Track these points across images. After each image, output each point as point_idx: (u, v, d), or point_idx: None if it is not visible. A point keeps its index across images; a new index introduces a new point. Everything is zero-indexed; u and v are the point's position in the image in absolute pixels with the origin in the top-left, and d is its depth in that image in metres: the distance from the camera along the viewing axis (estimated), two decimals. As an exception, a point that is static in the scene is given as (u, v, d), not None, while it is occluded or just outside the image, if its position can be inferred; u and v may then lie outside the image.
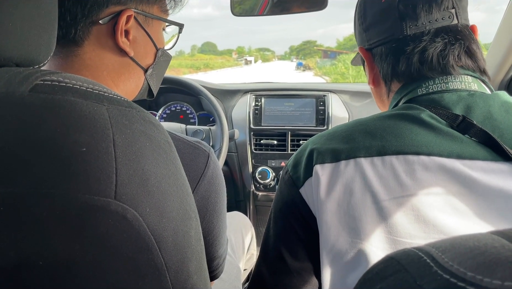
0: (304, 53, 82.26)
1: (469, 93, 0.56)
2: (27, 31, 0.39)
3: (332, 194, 0.53)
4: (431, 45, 0.59)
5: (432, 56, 0.59)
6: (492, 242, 0.23)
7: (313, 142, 0.60)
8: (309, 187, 0.57)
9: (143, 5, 0.62)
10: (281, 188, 0.63)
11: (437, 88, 0.58)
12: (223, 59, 76.66)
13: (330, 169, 0.55)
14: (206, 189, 0.63)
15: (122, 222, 0.33)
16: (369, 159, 0.53)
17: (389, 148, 0.52)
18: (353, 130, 0.57)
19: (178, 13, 0.71)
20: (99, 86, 0.38)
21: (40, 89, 0.34)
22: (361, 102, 1.64)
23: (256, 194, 1.59)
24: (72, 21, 0.56)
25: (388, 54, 0.64)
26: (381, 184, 0.51)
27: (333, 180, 0.54)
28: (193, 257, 0.42)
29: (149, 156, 0.37)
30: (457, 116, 0.53)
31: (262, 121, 1.61)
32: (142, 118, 0.39)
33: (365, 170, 0.52)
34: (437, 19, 0.60)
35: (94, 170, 0.32)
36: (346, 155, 0.54)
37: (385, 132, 0.54)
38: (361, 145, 0.54)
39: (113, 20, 0.58)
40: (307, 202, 0.57)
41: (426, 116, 0.54)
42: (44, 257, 0.31)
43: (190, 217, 0.42)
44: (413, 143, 0.52)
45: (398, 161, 0.51)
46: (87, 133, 0.33)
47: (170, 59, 0.73)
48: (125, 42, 0.60)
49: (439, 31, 0.60)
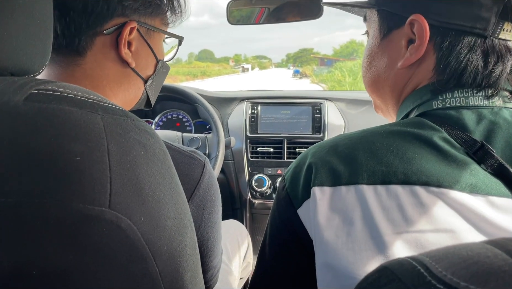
0: (301, 60, 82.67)
1: (492, 110, 0.50)
2: (22, 41, 0.39)
3: (330, 222, 0.48)
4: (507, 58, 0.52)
5: (501, 73, 0.52)
6: (485, 252, 0.23)
7: (313, 155, 0.54)
8: (307, 209, 0.52)
9: (146, 18, 0.63)
10: (277, 203, 0.58)
11: (455, 102, 0.51)
12: (220, 67, 76.94)
13: (330, 193, 0.49)
14: (201, 199, 0.64)
15: (116, 231, 0.33)
16: (372, 187, 0.47)
17: (394, 175, 0.46)
18: (356, 148, 0.51)
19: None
20: (94, 95, 0.38)
21: (35, 98, 0.34)
22: (357, 110, 1.65)
23: (252, 202, 1.59)
24: (77, 31, 0.57)
25: (470, 48, 0.52)
26: (384, 216, 0.45)
27: (332, 207, 0.49)
28: (188, 266, 0.42)
29: (144, 165, 0.37)
30: (475, 142, 0.47)
31: (259, 129, 1.61)
32: (137, 127, 0.39)
33: (367, 199, 0.47)
34: None
35: (88, 179, 0.32)
36: (347, 180, 0.48)
37: (392, 154, 0.48)
38: (364, 169, 0.48)
39: (117, 32, 0.59)
40: (304, 224, 0.52)
41: (439, 139, 0.48)
42: (38, 266, 0.31)
43: (185, 226, 0.42)
44: (422, 172, 0.46)
45: (404, 192, 0.46)
46: (82, 142, 0.33)
47: (168, 70, 0.74)
48: (128, 53, 0.61)
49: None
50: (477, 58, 0.52)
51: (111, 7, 0.57)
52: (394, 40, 0.58)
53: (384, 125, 0.54)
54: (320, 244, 0.49)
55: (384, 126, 0.53)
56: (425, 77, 0.56)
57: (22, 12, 0.38)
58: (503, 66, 0.52)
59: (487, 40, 0.51)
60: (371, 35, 0.64)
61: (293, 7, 1.29)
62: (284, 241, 0.57)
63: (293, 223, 0.54)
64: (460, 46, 0.52)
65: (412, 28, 0.55)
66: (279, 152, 1.58)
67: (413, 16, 0.54)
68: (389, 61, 0.60)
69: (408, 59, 0.56)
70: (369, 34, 0.65)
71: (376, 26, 0.61)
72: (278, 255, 0.59)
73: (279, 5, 1.29)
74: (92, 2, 0.56)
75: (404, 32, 0.56)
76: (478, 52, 0.52)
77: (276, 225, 0.58)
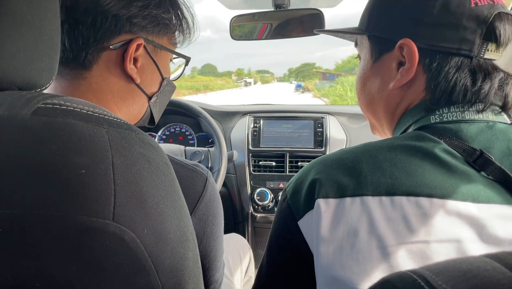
0: (303, 75, 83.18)
1: (488, 124, 0.52)
2: (29, 56, 0.40)
3: (335, 234, 0.49)
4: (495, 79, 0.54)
5: (482, 86, 0.53)
6: (484, 265, 0.23)
7: (316, 170, 0.54)
8: (308, 221, 0.52)
9: (153, 36, 0.64)
10: (278, 216, 0.59)
11: (452, 117, 0.54)
12: (222, 81, 77.48)
13: (334, 205, 0.50)
14: (204, 212, 0.64)
15: (119, 244, 0.34)
16: (377, 198, 0.48)
17: (399, 187, 0.47)
18: (360, 160, 0.52)
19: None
20: (100, 109, 0.39)
21: (42, 112, 0.34)
22: (359, 124, 1.66)
23: (254, 216, 1.59)
24: (84, 45, 0.58)
25: (454, 67, 0.54)
26: (389, 227, 0.46)
27: (337, 219, 0.49)
28: (190, 280, 0.42)
29: (148, 178, 0.37)
30: (474, 150, 0.49)
31: (261, 142, 1.62)
32: (141, 140, 0.39)
33: (372, 211, 0.47)
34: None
35: (92, 192, 0.33)
36: (352, 192, 0.49)
37: (395, 167, 0.49)
38: (369, 181, 0.49)
39: (123, 47, 0.60)
40: (305, 236, 0.53)
41: (440, 151, 0.50)
42: (41, 279, 0.31)
43: (188, 239, 0.42)
44: (426, 184, 0.47)
45: (409, 203, 0.46)
46: (87, 155, 0.34)
47: (174, 89, 0.74)
48: (133, 69, 0.62)
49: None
50: (465, 76, 0.54)
51: (120, 23, 0.58)
52: (385, 63, 0.61)
53: (385, 140, 0.55)
54: (322, 257, 0.49)
55: (385, 140, 0.55)
56: (417, 97, 0.58)
57: (30, 28, 0.39)
58: (491, 82, 0.53)
59: (474, 60, 0.54)
60: (363, 59, 0.66)
61: (295, 23, 1.31)
62: (283, 251, 0.57)
63: (293, 235, 0.54)
64: (448, 66, 0.54)
65: (401, 51, 0.57)
66: (281, 166, 1.58)
67: (402, 40, 0.56)
68: (382, 83, 0.62)
69: (399, 81, 0.58)
70: (361, 58, 0.67)
71: (367, 50, 0.64)
72: (276, 266, 0.59)
73: (281, 21, 1.32)
74: (101, 18, 0.57)
75: (394, 55, 0.59)
76: (465, 71, 0.54)
77: (276, 237, 0.59)
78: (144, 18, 0.61)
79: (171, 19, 0.66)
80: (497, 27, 0.53)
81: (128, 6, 0.58)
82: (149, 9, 0.61)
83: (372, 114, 0.68)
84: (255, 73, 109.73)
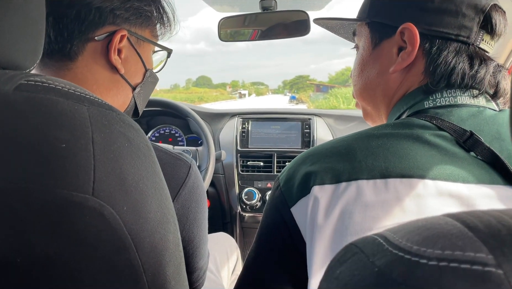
0: (297, 87, 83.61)
1: (478, 109, 0.54)
2: (14, 38, 0.40)
3: (330, 218, 0.49)
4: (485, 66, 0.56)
5: (477, 70, 0.56)
6: (438, 220, 0.25)
7: (311, 161, 0.54)
8: (302, 207, 0.52)
9: (136, 28, 0.66)
10: (270, 204, 0.58)
11: (445, 102, 0.55)
12: (217, 93, 77.60)
13: (331, 191, 0.50)
14: (186, 198, 0.65)
15: (99, 219, 0.34)
16: (372, 182, 0.49)
17: (393, 170, 0.48)
18: (353, 147, 0.53)
19: (169, 43, 0.76)
20: (81, 89, 0.39)
21: (24, 88, 0.35)
22: (345, 125, 1.69)
23: (242, 216, 1.60)
24: (69, 36, 0.59)
25: (456, 53, 0.57)
26: (383, 208, 0.47)
27: (333, 203, 0.49)
28: (170, 262, 0.42)
29: (127, 156, 0.38)
30: (465, 131, 0.50)
31: (249, 143, 1.64)
32: (121, 120, 0.40)
33: (367, 193, 0.48)
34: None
35: (72, 166, 0.33)
36: (347, 176, 0.50)
37: (388, 152, 0.50)
38: (363, 165, 0.50)
39: (108, 38, 0.62)
40: (298, 223, 0.53)
41: (430, 135, 0.51)
42: (22, 254, 0.31)
43: (168, 221, 0.43)
44: (418, 166, 0.48)
45: (402, 185, 0.47)
46: (67, 130, 0.34)
47: (157, 81, 0.76)
48: (117, 60, 0.64)
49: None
50: (463, 60, 0.56)
51: (103, 15, 0.60)
52: (385, 48, 0.62)
53: (376, 127, 0.56)
54: (316, 244, 0.49)
55: (375, 128, 0.56)
56: (416, 80, 0.60)
57: (16, 11, 0.40)
58: (486, 68, 0.56)
59: (470, 47, 0.56)
60: (361, 46, 0.67)
61: (282, 25, 1.34)
62: (274, 239, 0.57)
63: (286, 222, 0.54)
64: (447, 51, 0.56)
65: (402, 36, 0.59)
66: (269, 166, 1.60)
67: (404, 25, 0.58)
68: (381, 68, 0.63)
69: (399, 64, 0.59)
70: (359, 46, 0.68)
71: (367, 37, 0.65)
72: (266, 253, 0.59)
73: (268, 23, 1.35)
74: (85, 10, 0.59)
75: (395, 40, 0.60)
76: (464, 56, 0.56)
77: (267, 223, 0.59)
78: (126, 10, 0.63)
79: (153, 12, 0.68)
80: (493, 17, 0.56)
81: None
82: (131, 2, 0.63)
83: (369, 100, 0.69)
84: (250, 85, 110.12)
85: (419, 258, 0.22)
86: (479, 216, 0.24)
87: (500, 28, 0.57)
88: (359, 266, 0.26)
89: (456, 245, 0.22)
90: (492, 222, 0.23)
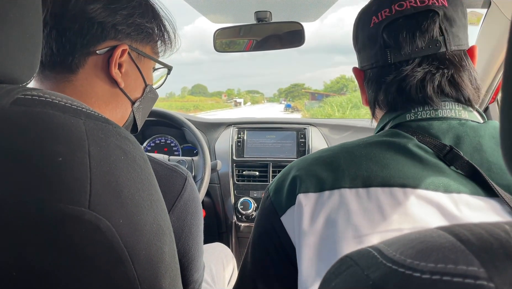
0: (292, 95, 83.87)
1: (460, 122, 0.55)
2: (11, 52, 0.40)
3: (314, 226, 0.50)
4: (412, 75, 0.57)
5: (410, 86, 0.57)
6: (431, 233, 0.25)
7: (297, 167, 0.57)
8: (291, 216, 0.54)
9: (137, 44, 0.67)
10: (261, 214, 0.60)
11: (426, 115, 0.56)
12: (213, 101, 77.63)
13: (314, 199, 0.52)
14: (182, 211, 0.65)
15: (95, 232, 0.34)
16: (354, 190, 0.50)
17: (374, 179, 0.50)
18: (338, 157, 0.55)
19: (169, 57, 0.77)
20: (78, 103, 0.40)
21: (21, 102, 0.35)
22: (340, 135, 1.70)
23: (238, 225, 1.60)
24: (71, 49, 0.60)
25: (373, 81, 0.62)
26: (364, 217, 0.48)
27: (317, 211, 0.51)
28: (166, 274, 0.42)
29: (124, 169, 0.38)
30: (444, 146, 0.52)
31: (245, 153, 1.65)
32: (118, 133, 0.40)
33: (349, 202, 0.50)
34: (423, 48, 0.57)
35: (69, 179, 0.33)
36: (330, 185, 0.52)
37: (371, 161, 0.52)
38: (346, 174, 0.52)
39: (109, 53, 0.63)
40: (287, 231, 0.54)
41: (413, 146, 0.52)
42: (17, 267, 0.31)
43: (164, 233, 0.43)
44: (400, 175, 0.50)
45: (383, 194, 0.49)
46: (64, 144, 0.34)
47: (156, 97, 0.77)
48: (117, 73, 0.64)
49: (423, 60, 0.58)
50: (392, 82, 0.61)
51: (105, 30, 0.61)
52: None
53: (361, 138, 0.58)
54: (303, 250, 0.50)
55: (361, 139, 0.58)
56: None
57: (13, 24, 0.40)
58: (411, 80, 0.59)
59: (390, 67, 0.60)
60: None
61: (277, 36, 1.35)
62: (266, 248, 0.58)
63: (276, 231, 0.56)
64: (374, 78, 0.63)
65: (355, 74, 0.70)
66: (264, 175, 1.60)
67: (352, 68, 0.71)
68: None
69: (363, 100, 0.69)
70: None
71: None
72: (260, 261, 0.59)
73: (263, 34, 1.36)
74: (87, 24, 0.60)
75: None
76: (391, 77, 0.60)
77: (259, 233, 0.60)
78: (128, 26, 0.64)
79: (154, 29, 0.69)
80: (389, 35, 0.60)
81: (114, 14, 0.61)
82: (133, 18, 0.64)
83: None
84: (245, 93, 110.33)
85: (412, 271, 0.23)
86: (471, 229, 0.24)
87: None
88: (354, 279, 0.26)
89: (448, 258, 0.22)
90: (484, 235, 0.23)
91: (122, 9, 0.62)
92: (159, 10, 0.71)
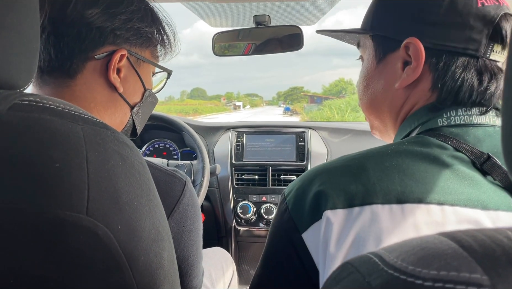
0: (291, 98, 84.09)
1: (495, 129, 0.51)
2: (8, 57, 0.40)
3: (342, 246, 0.46)
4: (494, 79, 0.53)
5: (495, 90, 0.53)
6: (433, 240, 0.25)
7: (321, 180, 0.51)
8: (314, 234, 0.49)
9: (136, 48, 0.67)
10: (278, 228, 0.54)
11: (459, 120, 0.52)
12: (212, 104, 77.83)
13: (343, 216, 0.47)
14: (181, 216, 0.64)
15: (93, 238, 0.34)
16: (387, 206, 0.46)
17: (409, 194, 0.46)
18: (366, 167, 0.50)
19: (168, 61, 0.76)
20: (76, 108, 0.39)
21: (18, 108, 0.35)
22: (340, 138, 1.70)
23: (238, 230, 1.59)
24: (69, 54, 0.59)
25: (464, 68, 0.54)
26: (398, 236, 0.44)
27: (346, 230, 0.46)
28: (165, 280, 0.42)
29: (122, 175, 0.38)
30: (482, 153, 0.48)
31: (244, 157, 1.64)
32: (116, 139, 0.40)
33: (382, 220, 0.45)
34: None
35: (66, 185, 0.33)
36: (361, 201, 0.47)
37: (404, 174, 0.47)
38: (378, 188, 0.47)
39: (107, 58, 0.62)
40: (309, 250, 0.49)
41: (447, 156, 0.49)
42: (14, 274, 0.31)
43: (163, 239, 0.42)
44: (436, 190, 0.46)
45: (420, 211, 0.45)
46: (61, 149, 0.34)
47: (156, 102, 0.76)
48: (116, 78, 0.64)
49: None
50: (472, 76, 0.53)
51: (104, 35, 0.61)
52: (390, 63, 0.60)
53: (389, 145, 0.53)
54: (328, 272, 0.46)
55: (389, 146, 0.53)
56: (422, 96, 0.57)
57: (9, 30, 0.40)
58: (497, 83, 0.53)
59: (479, 60, 0.53)
60: (366, 59, 0.65)
61: (275, 40, 1.36)
62: (283, 267, 0.53)
63: (296, 248, 0.51)
64: (454, 66, 0.53)
65: (407, 51, 0.56)
66: (264, 179, 1.60)
67: (408, 40, 0.55)
68: (386, 83, 0.61)
69: (405, 80, 0.57)
70: (364, 59, 0.66)
71: (371, 50, 0.63)
72: (275, 283, 0.55)
73: (262, 38, 1.36)
74: (86, 29, 0.59)
75: (399, 55, 0.57)
76: (472, 71, 0.53)
77: (274, 250, 0.55)
78: (127, 30, 0.63)
79: (153, 33, 0.69)
80: (503, 28, 0.53)
81: (112, 19, 0.61)
82: (132, 22, 0.63)
83: (375, 115, 0.67)
84: (244, 97, 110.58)
85: (414, 279, 0.22)
86: (473, 235, 0.24)
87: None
88: (355, 286, 0.26)
89: (451, 266, 0.22)
90: (487, 241, 0.23)
91: (121, 14, 0.62)
92: (158, 14, 0.70)
